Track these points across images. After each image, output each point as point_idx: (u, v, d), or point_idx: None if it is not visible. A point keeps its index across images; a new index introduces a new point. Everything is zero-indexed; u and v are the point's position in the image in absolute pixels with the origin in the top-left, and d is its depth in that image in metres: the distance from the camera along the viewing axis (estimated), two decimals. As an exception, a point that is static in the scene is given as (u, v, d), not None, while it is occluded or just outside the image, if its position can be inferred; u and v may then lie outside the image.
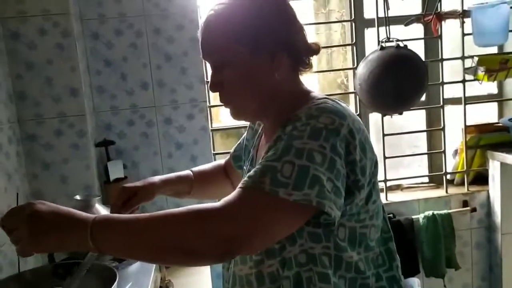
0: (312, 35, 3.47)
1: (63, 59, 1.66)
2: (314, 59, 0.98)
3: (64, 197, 1.69)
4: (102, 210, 1.39)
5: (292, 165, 0.74)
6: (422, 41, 2.24)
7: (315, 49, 0.95)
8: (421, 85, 1.98)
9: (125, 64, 1.86)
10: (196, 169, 1.24)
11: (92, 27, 1.82)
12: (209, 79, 0.94)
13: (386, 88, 1.95)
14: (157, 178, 1.16)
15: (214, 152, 2.04)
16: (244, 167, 1.10)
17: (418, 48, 2.13)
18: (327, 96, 0.89)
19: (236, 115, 0.95)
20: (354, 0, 2.14)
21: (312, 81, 2.69)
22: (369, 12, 2.19)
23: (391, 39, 2.03)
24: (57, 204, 0.76)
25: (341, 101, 0.89)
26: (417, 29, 2.22)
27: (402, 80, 1.95)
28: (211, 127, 2.03)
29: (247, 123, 1.14)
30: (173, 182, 1.17)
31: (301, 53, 0.92)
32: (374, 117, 2.24)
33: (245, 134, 1.17)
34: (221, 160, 1.29)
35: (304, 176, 0.73)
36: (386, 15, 2.04)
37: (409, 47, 2.01)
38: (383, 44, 2.01)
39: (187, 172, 1.21)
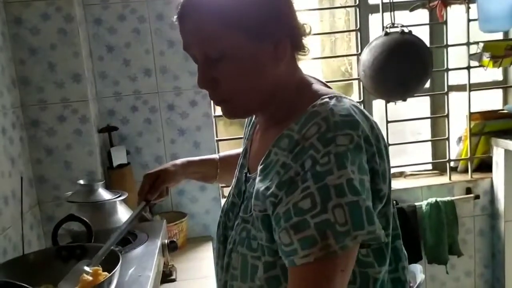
0: (315, 23, 3.45)
1: (66, 44, 1.65)
2: (317, 47, 0.91)
3: (68, 182, 1.70)
4: (106, 195, 1.40)
5: (341, 207, 0.65)
6: (427, 27, 2.22)
7: (306, 31, 0.82)
8: (425, 71, 1.97)
9: (128, 50, 1.85)
10: (222, 153, 1.20)
11: (94, 12, 1.81)
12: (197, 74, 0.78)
13: (390, 74, 1.94)
14: (179, 161, 1.14)
15: (217, 139, 2.04)
16: (239, 160, 0.97)
17: (423, 34, 2.11)
18: (330, 92, 0.79)
19: (233, 114, 0.82)
20: (358, -14, 2.12)
21: (316, 69, 2.68)
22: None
23: (395, 25, 2.02)
24: (60, 189, 0.73)
25: (347, 98, 0.78)
26: (422, 15, 2.20)
27: (406, 66, 1.94)
28: (214, 113, 2.02)
29: None
30: (197, 164, 1.14)
31: (300, 36, 0.80)
32: (378, 104, 2.23)
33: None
34: None
35: (359, 213, 0.65)
36: (391, 0, 2.02)
37: (413, 33, 1.99)
38: (388, 30, 2.00)
39: (212, 155, 1.17)
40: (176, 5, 0.77)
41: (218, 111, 2.07)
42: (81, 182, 1.40)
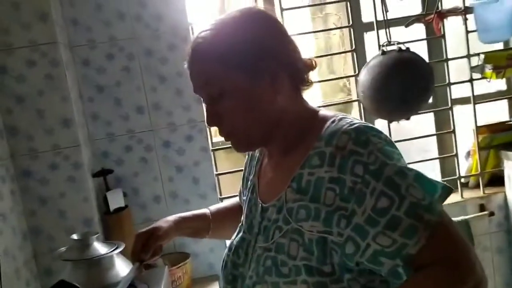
0: (310, 41, 3.41)
1: (54, 90, 1.60)
2: None
3: (64, 232, 1.63)
4: (101, 248, 1.32)
5: (411, 187, 0.71)
6: (425, 42, 2.16)
7: (311, 65, 0.90)
8: (427, 88, 1.90)
9: (119, 88, 1.79)
10: (213, 207, 1.18)
11: (82, 54, 1.76)
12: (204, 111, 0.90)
13: (391, 94, 1.87)
14: (171, 217, 1.11)
15: (217, 173, 1.97)
16: (244, 197, 1.02)
17: (421, 49, 2.05)
18: (340, 113, 0.86)
19: (240, 147, 0.89)
20: (351, 4, 2.06)
21: (314, 87, 2.62)
22: (367, 16, 2.12)
23: (392, 42, 1.95)
24: (56, 240, 0.73)
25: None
26: (419, 30, 2.14)
27: (406, 85, 1.87)
28: (212, 146, 1.96)
29: None
30: (189, 219, 1.12)
31: (300, 71, 0.87)
32: (380, 123, 2.15)
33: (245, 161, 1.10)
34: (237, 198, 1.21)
35: (425, 181, 0.73)
36: (385, 18, 1.97)
37: (411, 49, 1.92)
38: (384, 48, 1.94)
39: (203, 210, 1.16)
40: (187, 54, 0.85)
41: (216, 139, 2.00)
42: (75, 237, 1.31)
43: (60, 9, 1.70)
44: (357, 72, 2.04)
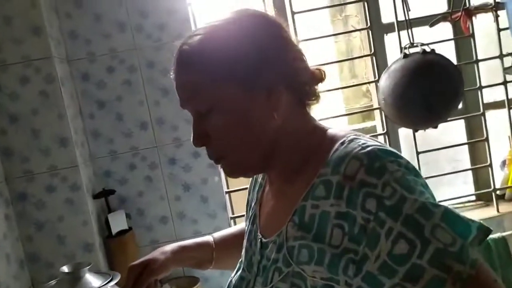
0: (331, 44, 3.26)
1: (49, 107, 1.51)
2: (335, 67, 0.80)
3: (63, 258, 1.53)
4: (94, 281, 1.21)
5: (438, 228, 0.57)
6: (452, 42, 1.98)
7: (318, 77, 0.77)
8: (455, 93, 1.72)
9: (120, 103, 1.69)
10: (218, 234, 1.04)
11: (81, 68, 1.67)
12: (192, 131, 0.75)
13: (415, 100, 1.70)
14: (169, 246, 0.97)
15: (227, 190, 1.84)
16: (246, 228, 0.90)
17: (448, 51, 1.88)
18: (351, 132, 0.73)
19: (232, 172, 0.77)
20: (368, 4, 1.91)
21: (336, 92, 2.47)
22: (387, 16, 1.96)
23: (415, 44, 1.78)
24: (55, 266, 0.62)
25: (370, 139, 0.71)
26: (444, 30, 1.96)
27: (432, 90, 1.69)
28: (222, 162, 1.83)
29: None
30: (191, 249, 0.98)
31: (303, 83, 0.74)
32: (405, 132, 1.98)
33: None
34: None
35: (455, 220, 0.59)
36: (407, 17, 1.80)
37: (437, 51, 1.75)
38: (407, 51, 1.77)
39: (206, 238, 1.02)
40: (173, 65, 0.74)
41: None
42: (65, 269, 1.21)
43: (56, 21, 1.61)
44: (377, 77, 1.88)
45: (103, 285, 1.19)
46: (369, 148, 0.65)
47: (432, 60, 1.72)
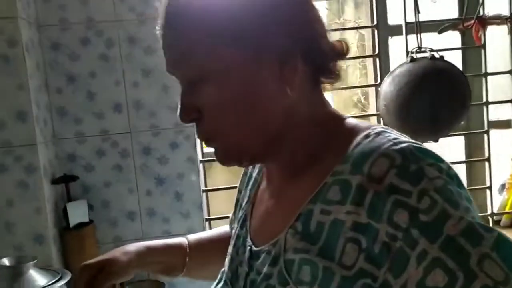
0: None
1: (8, 75, 1.31)
2: None
3: (9, 249, 1.32)
4: (39, 279, 1.02)
5: (488, 258, 0.44)
6: (458, 52, 1.86)
7: (339, 50, 0.62)
8: (463, 105, 1.59)
9: (93, 80, 1.51)
10: (193, 236, 0.87)
11: (51, 35, 1.47)
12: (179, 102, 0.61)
13: (419, 109, 1.56)
14: (133, 246, 0.80)
15: (205, 189, 1.67)
16: (233, 231, 0.75)
17: (454, 61, 1.76)
18: (375, 124, 0.61)
19: (225, 159, 0.62)
20: (376, 3, 1.77)
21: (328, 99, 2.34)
22: (393, 18, 1.83)
23: (423, 49, 1.65)
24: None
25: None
26: (451, 38, 1.84)
27: (438, 100, 1.56)
28: (202, 157, 1.66)
29: None
30: (159, 251, 0.81)
31: (323, 53, 0.60)
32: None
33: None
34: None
35: (510, 250, 0.46)
36: (417, 19, 1.67)
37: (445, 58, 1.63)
38: (414, 55, 1.63)
39: (180, 239, 0.85)
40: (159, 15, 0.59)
41: (207, 154, 1.70)
42: (5, 262, 1.02)
43: (29, -21, 1.42)
44: (378, 81, 1.74)
45: (48, 285, 1.00)
46: (403, 145, 0.51)
47: (442, 67, 1.59)
